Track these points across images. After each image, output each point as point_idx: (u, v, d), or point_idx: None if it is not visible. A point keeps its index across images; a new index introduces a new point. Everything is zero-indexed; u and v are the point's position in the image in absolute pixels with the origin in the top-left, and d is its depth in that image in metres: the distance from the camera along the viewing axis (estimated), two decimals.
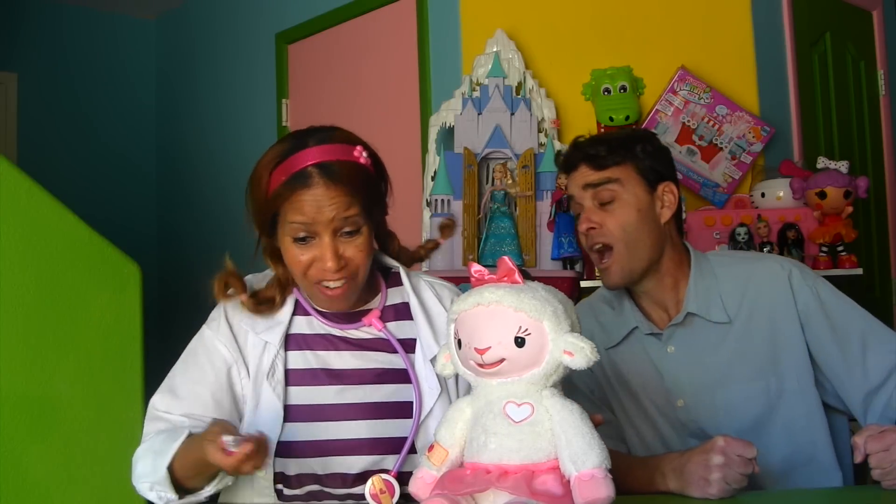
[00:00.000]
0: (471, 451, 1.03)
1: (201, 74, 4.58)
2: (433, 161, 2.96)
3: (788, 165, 2.83)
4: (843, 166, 2.69)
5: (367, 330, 1.35)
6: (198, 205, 4.55)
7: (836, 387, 1.48)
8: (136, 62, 4.86)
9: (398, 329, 1.36)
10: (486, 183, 2.91)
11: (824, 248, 2.71)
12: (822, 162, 2.73)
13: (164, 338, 4.52)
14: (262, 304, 1.33)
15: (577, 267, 2.80)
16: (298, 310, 1.37)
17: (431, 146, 3.00)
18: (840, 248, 2.71)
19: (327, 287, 1.28)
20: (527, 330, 1.00)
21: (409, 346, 1.35)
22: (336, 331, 1.35)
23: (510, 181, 2.84)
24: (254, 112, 4.18)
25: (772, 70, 3.10)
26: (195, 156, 4.61)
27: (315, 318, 1.35)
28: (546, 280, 1.94)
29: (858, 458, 1.25)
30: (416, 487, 1.07)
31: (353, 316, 1.36)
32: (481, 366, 1.01)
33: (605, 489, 0.96)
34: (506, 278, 1.03)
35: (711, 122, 2.86)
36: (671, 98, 2.88)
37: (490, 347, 1.00)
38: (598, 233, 1.49)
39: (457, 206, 2.85)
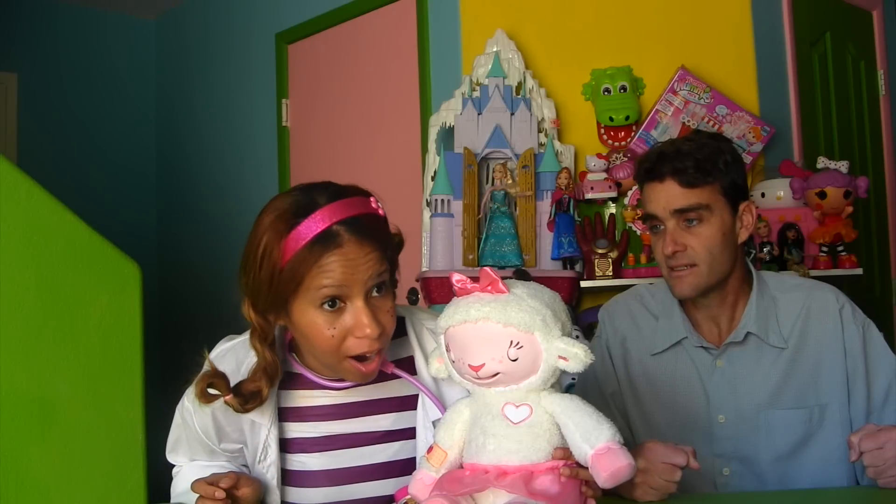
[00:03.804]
0: (469, 453, 1.03)
1: (201, 74, 4.58)
2: (433, 161, 2.96)
3: (788, 165, 2.83)
4: (843, 166, 2.69)
5: (368, 390, 1.26)
6: (198, 204, 4.55)
7: (854, 428, 1.48)
8: (136, 62, 4.86)
9: (401, 387, 1.27)
10: (486, 183, 2.91)
11: (824, 248, 2.71)
12: (822, 162, 2.72)
13: (164, 338, 4.53)
14: (250, 400, 1.18)
15: (577, 267, 2.80)
16: (289, 382, 1.26)
17: (431, 146, 3.00)
18: (840, 248, 2.71)
19: (363, 360, 1.15)
20: (518, 343, 0.99)
21: (411, 403, 1.27)
22: (337, 399, 1.26)
23: (510, 181, 2.84)
24: (254, 112, 4.18)
25: (772, 70, 3.10)
26: (195, 155, 4.61)
27: (314, 382, 1.24)
28: (546, 280, 1.94)
29: (853, 457, 1.25)
30: (415, 489, 1.07)
31: None
32: (477, 378, 1.01)
33: (625, 457, 0.96)
34: (490, 287, 1.01)
35: (711, 122, 2.86)
36: (671, 98, 2.87)
37: (484, 364, 0.99)
38: (683, 254, 1.47)
39: (457, 206, 2.85)
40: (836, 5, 3.48)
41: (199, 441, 1.31)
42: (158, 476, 1.70)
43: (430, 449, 1.07)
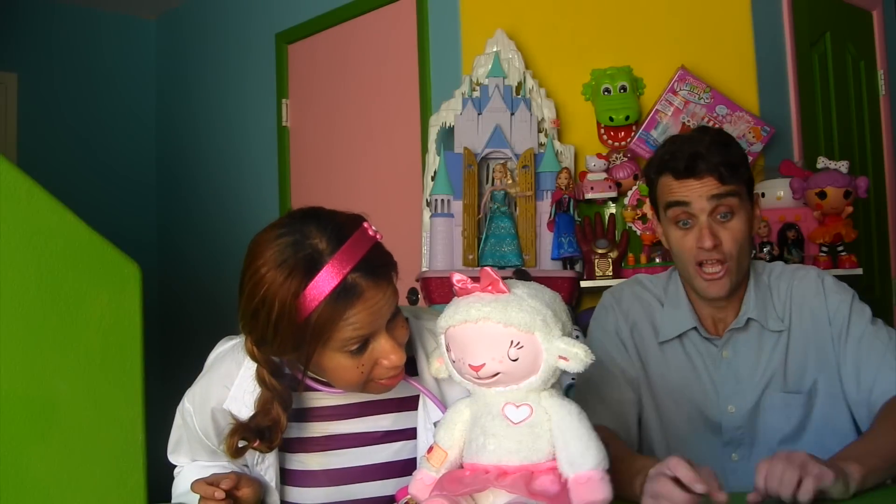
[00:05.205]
0: (470, 453, 1.03)
1: (201, 74, 4.58)
2: (433, 161, 2.96)
3: (788, 165, 2.83)
4: (843, 166, 2.69)
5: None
6: (198, 204, 4.55)
7: (847, 396, 1.49)
8: (136, 62, 4.86)
9: (400, 387, 1.25)
10: (486, 183, 2.91)
11: (824, 248, 2.71)
12: (822, 162, 2.72)
13: (165, 339, 4.53)
14: (274, 438, 1.18)
15: (577, 267, 2.81)
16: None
17: (431, 146, 3.00)
18: (840, 248, 2.71)
19: (385, 380, 1.17)
20: (518, 343, 0.98)
21: (410, 403, 1.27)
22: (336, 399, 1.26)
23: (510, 181, 2.85)
24: (254, 112, 4.18)
25: (772, 70, 3.10)
26: (195, 155, 4.61)
27: (312, 386, 1.24)
28: (546, 280, 1.94)
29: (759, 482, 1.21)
30: (415, 489, 1.07)
31: None
32: (478, 378, 1.01)
33: (602, 491, 0.95)
34: (490, 287, 1.01)
35: (711, 123, 2.86)
36: (671, 98, 2.87)
37: (484, 364, 0.99)
38: (718, 249, 1.48)
39: (457, 206, 2.85)
40: (836, 5, 3.48)
41: (199, 442, 1.31)
42: (158, 476, 1.70)
43: (430, 449, 1.07)
